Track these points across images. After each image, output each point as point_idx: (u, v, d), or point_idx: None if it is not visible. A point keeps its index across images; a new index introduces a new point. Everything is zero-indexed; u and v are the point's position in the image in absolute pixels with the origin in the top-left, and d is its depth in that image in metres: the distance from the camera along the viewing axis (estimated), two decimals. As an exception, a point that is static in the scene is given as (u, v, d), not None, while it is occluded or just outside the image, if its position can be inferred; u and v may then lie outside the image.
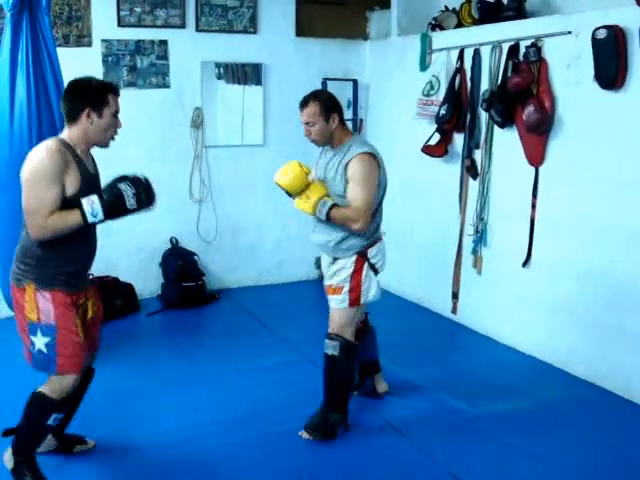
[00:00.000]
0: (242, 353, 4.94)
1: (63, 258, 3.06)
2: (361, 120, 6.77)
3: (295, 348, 5.03)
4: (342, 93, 6.65)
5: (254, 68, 6.33)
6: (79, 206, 2.91)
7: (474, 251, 5.36)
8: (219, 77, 6.24)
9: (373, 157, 3.61)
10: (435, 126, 5.50)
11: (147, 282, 6.17)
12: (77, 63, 5.31)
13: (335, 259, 3.74)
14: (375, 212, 3.68)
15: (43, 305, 3.02)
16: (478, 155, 5.29)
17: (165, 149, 6.04)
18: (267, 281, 6.69)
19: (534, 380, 4.56)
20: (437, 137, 5.56)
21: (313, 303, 6.52)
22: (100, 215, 2.94)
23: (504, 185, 5.11)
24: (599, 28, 4.10)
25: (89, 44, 5.68)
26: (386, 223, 3.89)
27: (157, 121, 5.95)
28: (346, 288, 3.67)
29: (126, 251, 6.08)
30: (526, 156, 4.83)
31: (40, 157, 2.91)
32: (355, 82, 6.67)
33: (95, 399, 3.68)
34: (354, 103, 6.69)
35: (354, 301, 3.69)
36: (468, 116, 5.31)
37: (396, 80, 6.24)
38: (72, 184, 2.95)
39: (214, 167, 6.25)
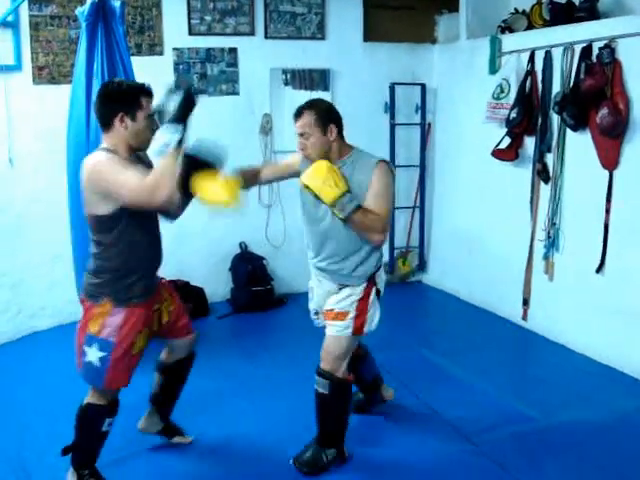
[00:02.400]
0: (310, 357, 4.94)
1: (135, 265, 3.05)
2: (429, 125, 6.73)
3: (363, 353, 5.02)
4: (410, 98, 6.66)
5: (321, 74, 6.36)
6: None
7: (545, 257, 5.27)
8: (286, 83, 6.28)
9: (389, 165, 3.37)
10: (505, 130, 5.43)
11: (217, 286, 6.25)
12: (149, 71, 5.41)
13: (341, 287, 3.44)
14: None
15: (112, 322, 3.00)
16: (550, 159, 5.20)
17: (235, 155, 5.99)
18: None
19: (609, 389, 4.45)
20: (507, 141, 5.49)
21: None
22: (180, 128, 2.85)
23: (577, 189, 5.01)
24: (676, 27, 3.99)
25: (161, 53, 5.79)
26: (455, 228, 3.86)
27: (227, 128, 6.02)
28: (352, 314, 3.38)
29: (197, 256, 6.18)
30: (600, 160, 4.73)
31: (101, 160, 2.90)
32: (423, 86, 6.64)
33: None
34: (422, 107, 6.65)
35: (358, 329, 3.40)
36: (539, 119, 5.22)
37: (465, 84, 6.18)
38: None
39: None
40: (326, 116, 3.33)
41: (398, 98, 6.59)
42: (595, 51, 4.66)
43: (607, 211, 4.70)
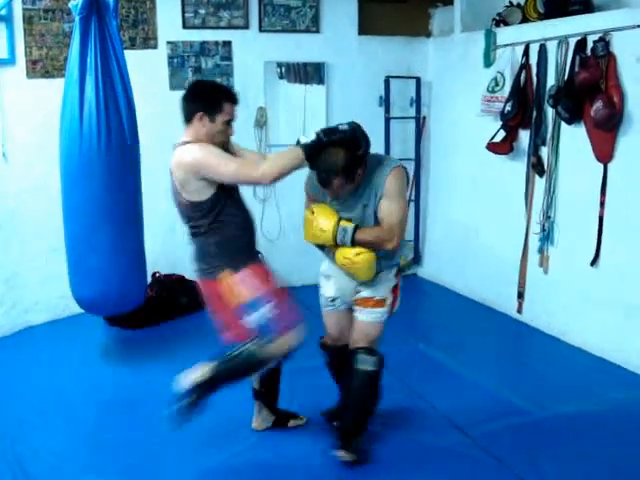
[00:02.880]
0: (307, 350, 4.95)
1: (238, 235, 3.25)
2: (424, 118, 6.72)
3: (358, 347, 5.02)
4: (405, 91, 6.65)
5: (316, 67, 6.35)
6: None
7: (540, 250, 5.27)
8: (281, 77, 6.27)
9: (403, 169, 3.33)
10: (500, 123, 5.43)
11: (212, 280, 6.23)
12: (144, 65, 5.43)
13: (376, 274, 3.42)
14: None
15: (246, 282, 3.17)
16: (544, 152, 5.20)
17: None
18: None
19: (604, 382, 4.46)
20: (502, 134, 5.49)
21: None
22: (313, 137, 3.07)
23: (571, 182, 5.01)
24: (671, 20, 3.99)
25: (155, 46, 5.77)
26: (450, 222, 3.86)
27: (221, 121, 6.01)
28: (389, 300, 3.51)
29: (191, 250, 6.16)
30: (594, 153, 4.73)
31: (196, 150, 3.08)
32: (418, 80, 6.63)
33: (164, 395, 3.73)
34: (417, 101, 6.65)
35: (391, 312, 3.57)
36: (534, 112, 5.22)
37: (460, 77, 6.18)
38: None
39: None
40: (351, 171, 3.18)
41: (393, 92, 6.58)
42: (590, 44, 4.65)
43: (602, 204, 4.71)
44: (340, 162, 3.12)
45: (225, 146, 3.21)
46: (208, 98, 3.15)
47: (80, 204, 4.24)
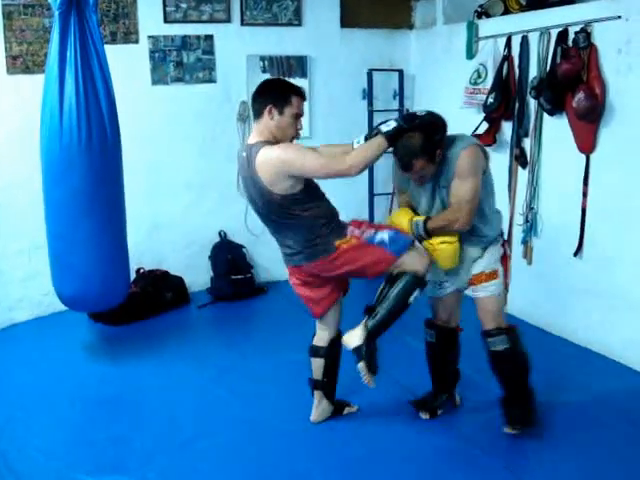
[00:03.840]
0: (292, 345, 4.95)
1: (328, 213, 3.46)
2: (407, 110, 6.72)
3: (343, 340, 5.02)
4: (388, 84, 6.65)
5: (299, 60, 6.33)
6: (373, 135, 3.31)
7: (524, 241, 5.29)
8: (264, 70, 6.24)
9: (478, 148, 3.44)
10: (483, 115, 5.44)
11: (197, 275, 6.22)
12: (124, 60, 5.39)
13: (484, 250, 3.59)
14: (486, 200, 3.55)
15: (359, 230, 3.45)
16: (527, 143, 5.21)
17: (213, 143, 6.07)
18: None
19: (589, 372, 4.49)
20: (485, 126, 5.49)
21: (361, 294, 6.49)
22: (392, 124, 3.24)
23: (554, 174, 5.03)
24: (651, 11, 4.01)
25: (136, 41, 5.72)
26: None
27: (204, 115, 5.99)
28: (501, 270, 3.60)
29: (176, 245, 6.15)
30: (577, 144, 4.75)
31: (277, 152, 3.22)
32: (401, 72, 6.63)
33: (149, 390, 3.74)
34: (400, 94, 6.65)
35: (506, 285, 3.66)
36: (517, 104, 5.23)
37: (442, 69, 6.18)
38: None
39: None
40: (431, 151, 3.32)
41: (376, 84, 6.58)
42: (571, 35, 4.67)
43: (584, 195, 4.73)
44: (418, 144, 3.27)
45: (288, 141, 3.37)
46: (276, 92, 3.31)
47: (61, 200, 4.22)
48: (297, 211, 3.35)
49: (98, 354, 4.97)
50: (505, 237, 3.77)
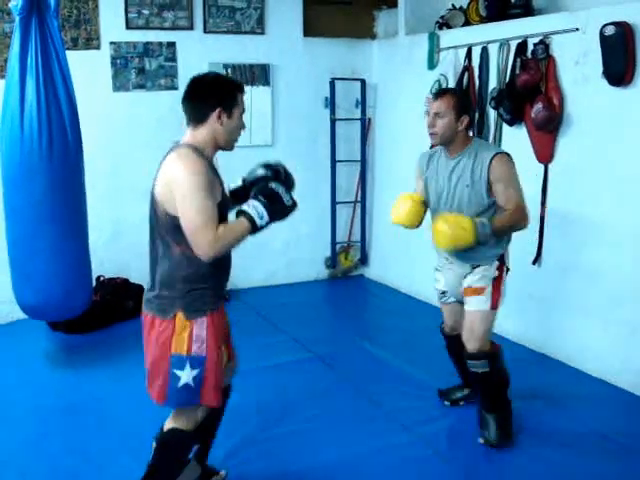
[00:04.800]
0: (253, 353, 4.94)
1: (208, 272, 2.75)
2: (369, 120, 6.77)
3: (306, 347, 5.04)
4: (350, 93, 6.69)
5: (262, 69, 6.34)
6: (241, 214, 2.71)
7: (484, 249, 5.35)
8: (227, 78, 6.25)
9: (508, 156, 3.54)
10: (443, 124, 5.49)
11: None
12: (86, 66, 5.37)
13: (473, 268, 3.62)
14: None
15: (198, 335, 2.71)
16: (487, 153, 5.28)
17: (174, 150, 6.04)
18: (277, 281, 6.70)
19: (546, 377, 4.56)
20: (446, 135, 5.55)
21: (323, 303, 6.55)
22: (266, 217, 2.71)
23: (513, 183, 5.09)
24: (607, 25, 4.09)
25: (98, 47, 5.69)
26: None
27: (167, 123, 5.95)
28: (489, 289, 3.59)
29: (136, 253, 6.06)
30: (535, 154, 4.82)
31: (188, 168, 2.62)
32: (363, 82, 6.67)
33: (108, 400, 3.70)
34: (362, 103, 6.69)
35: (495, 304, 3.62)
36: (476, 114, 5.30)
37: (404, 79, 6.24)
38: (217, 193, 2.71)
39: (223, 168, 6.18)
40: (464, 105, 3.50)
41: (338, 93, 6.61)
42: (530, 47, 4.75)
43: (542, 204, 4.80)
44: (458, 92, 3.65)
45: (233, 145, 2.97)
46: (222, 91, 2.77)
47: (21, 207, 4.17)
48: (169, 239, 2.71)
49: (57, 363, 4.90)
50: (507, 263, 3.75)
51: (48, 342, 5.25)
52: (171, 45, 5.98)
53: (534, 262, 4.91)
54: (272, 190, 2.78)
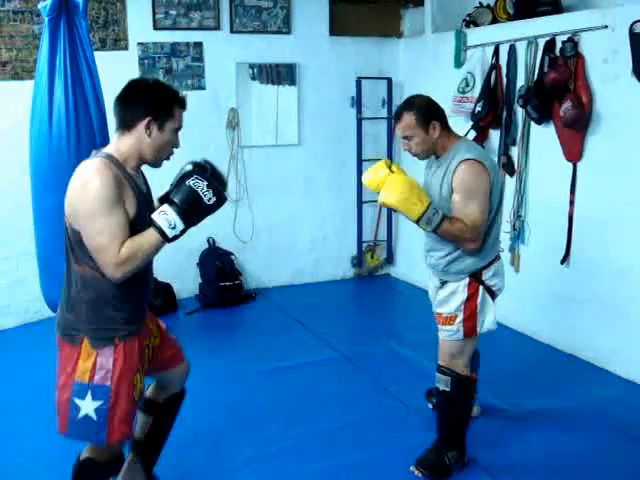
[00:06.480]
0: (280, 352, 4.97)
1: (120, 296, 2.52)
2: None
3: (332, 346, 5.04)
4: (376, 92, 6.68)
5: (288, 68, 6.35)
6: (150, 224, 2.44)
7: (512, 249, 5.32)
8: (253, 78, 6.27)
9: (479, 164, 3.11)
10: (471, 123, 5.47)
11: (185, 282, 6.22)
12: (114, 66, 5.38)
13: (443, 283, 3.34)
14: (491, 225, 3.25)
15: (101, 364, 2.47)
16: (515, 152, 5.25)
17: (202, 150, 6.00)
18: (303, 280, 6.71)
19: (575, 378, 4.52)
20: (473, 134, 5.52)
21: (349, 302, 6.55)
22: (180, 224, 2.45)
23: (541, 182, 5.06)
24: (637, 22, 4.04)
25: (125, 47, 5.74)
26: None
27: (193, 123, 5.92)
28: (460, 318, 3.25)
29: (164, 251, 6.07)
30: (564, 152, 4.78)
31: (91, 182, 2.37)
32: (389, 80, 6.66)
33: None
34: (388, 102, 6.68)
35: (469, 332, 3.27)
36: (504, 112, 5.27)
37: (430, 78, 6.21)
38: (129, 208, 2.45)
39: (250, 167, 6.27)
40: (427, 114, 3.19)
41: (364, 92, 6.61)
42: (558, 45, 4.71)
43: (571, 203, 4.76)
44: (418, 101, 3.22)
45: (161, 162, 2.69)
46: (157, 100, 2.53)
47: (50, 207, 4.19)
48: (72, 257, 2.52)
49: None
50: (490, 281, 3.34)
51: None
52: (198, 45, 6.01)
53: (562, 262, 4.86)
54: (189, 189, 2.46)
